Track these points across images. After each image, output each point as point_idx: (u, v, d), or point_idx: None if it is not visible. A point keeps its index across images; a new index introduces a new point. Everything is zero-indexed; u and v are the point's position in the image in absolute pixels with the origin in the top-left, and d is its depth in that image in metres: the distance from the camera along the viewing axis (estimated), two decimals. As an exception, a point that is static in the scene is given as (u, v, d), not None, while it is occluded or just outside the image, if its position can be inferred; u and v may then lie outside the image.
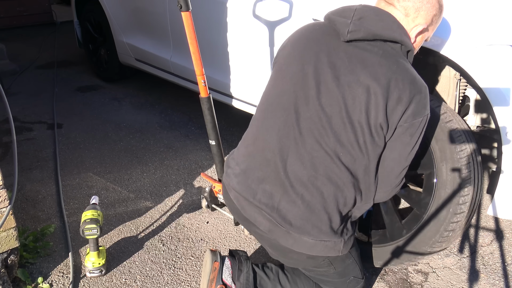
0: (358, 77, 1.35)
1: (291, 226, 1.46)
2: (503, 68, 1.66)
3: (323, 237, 1.47)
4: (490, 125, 1.95)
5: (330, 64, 1.39)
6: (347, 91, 1.36)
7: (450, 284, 1.92)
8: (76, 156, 3.00)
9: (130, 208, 2.44)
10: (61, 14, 7.00)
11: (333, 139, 1.40)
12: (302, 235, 1.46)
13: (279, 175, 1.45)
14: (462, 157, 1.67)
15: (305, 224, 1.46)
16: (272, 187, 1.47)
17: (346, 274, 1.64)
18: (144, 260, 2.06)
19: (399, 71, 1.35)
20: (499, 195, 1.77)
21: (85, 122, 3.48)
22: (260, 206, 1.49)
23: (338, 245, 1.50)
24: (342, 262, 1.60)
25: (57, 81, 4.44)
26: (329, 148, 1.40)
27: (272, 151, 1.46)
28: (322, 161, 1.42)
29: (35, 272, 1.97)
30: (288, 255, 1.58)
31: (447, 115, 1.73)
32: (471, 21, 1.76)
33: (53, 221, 2.32)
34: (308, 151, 1.42)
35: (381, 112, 1.35)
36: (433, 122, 1.69)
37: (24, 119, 3.56)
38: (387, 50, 1.38)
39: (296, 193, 1.45)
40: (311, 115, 1.41)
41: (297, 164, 1.43)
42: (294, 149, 1.43)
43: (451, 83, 2.01)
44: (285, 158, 1.45)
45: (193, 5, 1.97)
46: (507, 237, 2.19)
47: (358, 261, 1.66)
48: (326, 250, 1.49)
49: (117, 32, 3.85)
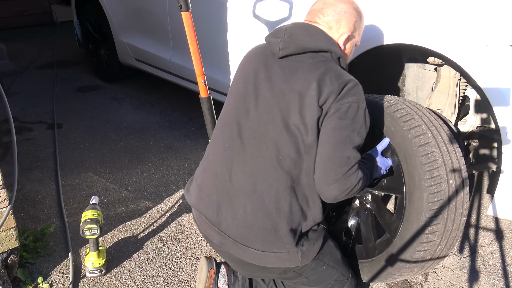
0: (290, 84, 1.46)
1: (237, 236, 1.48)
2: (503, 68, 1.66)
3: (272, 247, 1.45)
4: (490, 125, 1.95)
5: (266, 78, 1.51)
6: (281, 98, 1.46)
7: (450, 284, 1.92)
8: (76, 156, 3.00)
9: (130, 208, 2.44)
10: (61, 14, 7.00)
11: (271, 144, 1.45)
12: (249, 245, 1.47)
13: (226, 185, 1.51)
14: (432, 185, 1.58)
15: (249, 234, 1.46)
16: (220, 197, 1.52)
17: (324, 281, 1.62)
18: (144, 260, 2.06)
19: (327, 72, 1.44)
20: (499, 195, 1.77)
21: (85, 122, 3.48)
22: (210, 219, 1.53)
23: (295, 256, 1.47)
24: (313, 271, 1.57)
25: (57, 81, 4.44)
26: (268, 154, 1.46)
27: (219, 163, 1.54)
28: (262, 167, 1.46)
29: (35, 272, 1.97)
30: (246, 267, 1.57)
31: (423, 137, 1.63)
32: (471, 21, 1.76)
33: (53, 221, 2.32)
34: (249, 159, 1.48)
35: (315, 109, 1.41)
36: (406, 145, 1.63)
37: (24, 119, 3.56)
38: (317, 58, 1.49)
39: (239, 202, 1.48)
40: (251, 125, 1.50)
41: (240, 173, 1.49)
42: (237, 159, 1.50)
43: (451, 83, 2.01)
44: (230, 168, 1.51)
45: (193, 5, 1.97)
46: (507, 237, 2.19)
47: (336, 264, 1.63)
48: (280, 262, 1.47)
49: (117, 32, 3.85)
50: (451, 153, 1.63)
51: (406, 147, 1.63)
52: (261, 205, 1.45)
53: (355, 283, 1.71)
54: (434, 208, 1.58)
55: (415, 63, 2.24)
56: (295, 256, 1.47)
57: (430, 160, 1.59)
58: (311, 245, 1.51)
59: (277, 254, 1.46)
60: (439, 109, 2.05)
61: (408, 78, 2.32)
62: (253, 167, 1.47)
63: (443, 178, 1.59)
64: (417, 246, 1.62)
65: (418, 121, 1.65)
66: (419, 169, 1.59)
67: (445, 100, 2.04)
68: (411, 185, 1.63)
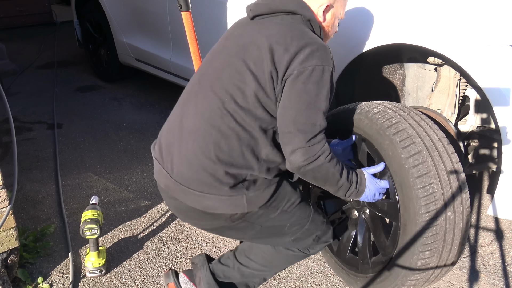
0: (253, 39, 1.46)
1: (177, 176, 1.47)
2: (503, 68, 1.66)
3: (210, 189, 1.43)
4: (490, 125, 1.95)
5: (235, 35, 1.55)
6: (241, 50, 1.46)
7: (450, 284, 1.92)
8: (76, 156, 3.00)
9: (130, 208, 2.44)
10: (61, 14, 7.00)
11: (223, 88, 1.45)
12: (188, 186, 1.45)
13: (178, 129, 1.52)
14: (426, 219, 1.49)
15: (188, 173, 1.45)
16: (172, 140, 1.52)
17: (279, 228, 1.57)
18: (144, 260, 2.06)
19: (290, 30, 1.44)
20: (499, 195, 1.77)
21: (85, 122, 3.48)
22: (162, 163, 1.54)
23: (240, 202, 1.44)
24: (265, 217, 1.53)
25: (57, 81, 4.44)
26: (217, 96, 1.45)
27: (177, 112, 1.57)
28: (210, 108, 1.45)
29: (35, 272, 1.97)
30: (191, 215, 1.54)
31: (422, 166, 1.50)
32: (471, 21, 1.76)
33: (53, 221, 2.32)
34: (200, 101, 1.49)
35: (270, 63, 1.40)
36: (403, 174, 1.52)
37: (24, 119, 3.56)
38: (285, 19, 1.49)
39: (186, 142, 1.47)
40: (210, 72, 1.52)
41: (191, 114, 1.49)
42: (191, 102, 1.52)
43: (451, 83, 2.01)
44: (184, 112, 1.53)
45: (193, 5, 1.97)
46: (507, 237, 2.19)
47: (292, 208, 1.57)
48: (223, 207, 1.44)
49: (117, 32, 3.85)
50: (452, 183, 1.52)
51: (402, 177, 1.52)
52: (202, 144, 1.44)
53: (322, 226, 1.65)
54: (428, 243, 1.50)
55: (415, 63, 2.24)
56: (240, 201, 1.44)
57: (427, 193, 1.48)
58: (259, 191, 1.47)
59: (218, 197, 1.43)
60: (439, 109, 2.05)
61: (408, 78, 2.32)
62: (201, 108, 1.47)
63: (441, 212, 1.49)
64: (409, 275, 1.57)
65: (419, 147, 1.52)
66: (415, 202, 1.49)
67: (445, 100, 2.04)
68: (405, 217, 1.54)
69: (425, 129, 1.57)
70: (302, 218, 1.60)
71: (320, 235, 1.66)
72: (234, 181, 1.43)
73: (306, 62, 1.38)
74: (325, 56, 1.41)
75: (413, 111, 1.65)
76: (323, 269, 2.00)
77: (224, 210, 1.46)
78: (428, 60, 2.01)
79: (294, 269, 2.01)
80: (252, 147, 1.44)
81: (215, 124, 1.43)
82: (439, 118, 1.96)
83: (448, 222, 1.50)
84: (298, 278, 1.96)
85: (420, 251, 1.51)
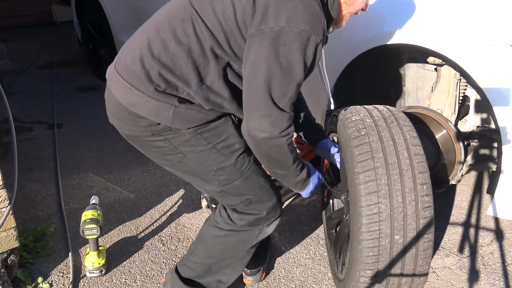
0: None
1: (118, 64, 1.41)
2: (503, 68, 1.66)
3: (139, 83, 1.34)
4: (490, 125, 1.95)
5: None
6: None
7: (450, 284, 1.92)
8: (76, 156, 3.00)
9: (130, 208, 2.44)
10: (61, 14, 7.00)
11: (189, 7, 1.35)
12: (121, 74, 1.37)
13: (143, 27, 1.45)
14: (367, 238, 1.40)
15: (127, 61, 1.37)
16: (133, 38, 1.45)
17: (205, 165, 1.45)
18: (144, 260, 2.06)
19: None
20: (499, 195, 1.77)
21: (85, 122, 3.48)
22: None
23: (165, 110, 1.33)
24: (192, 147, 1.42)
25: (57, 81, 4.44)
26: (191, 3, 1.35)
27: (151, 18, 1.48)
28: (178, 7, 1.37)
29: (35, 272, 1.97)
30: (116, 112, 1.44)
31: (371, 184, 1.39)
32: (471, 21, 1.76)
33: (53, 221, 2.32)
34: (174, 4, 1.41)
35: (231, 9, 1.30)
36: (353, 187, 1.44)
37: (24, 119, 3.56)
38: None
39: (140, 34, 1.42)
40: None
41: (160, 14, 1.42)
42: (165, 7, 1.43)
43: (451, 83, 2.01)
44: (155, 15, 1.45)
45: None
46: (507, 237, 2.19)
47: (226, 150, 1.45)
48: (147, 109, 1.34)
49: (117, 32, 3.85)
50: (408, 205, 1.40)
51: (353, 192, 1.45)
52: (151, 37, 1.36)
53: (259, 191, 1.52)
54: (369, 262, 1.43)
55: (415, 63, 2.24)
56: (165, 110, 1.34)
57: (372, 212, 1.39)
58: (192, 111, 1.36)
59: (144, 96, 1.34)
60: (439, 109, 2.06)
61: (408, 78, 2.33)
62: (170, 8, 1.39)
63: (385, 233, 1.39)
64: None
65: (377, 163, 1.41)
66: (358, 219, 1.42)
67: (445, 100, 2.04)
68: (352, 232, 1.49)
69: (397, 143, 1.45)
70: (234, 170, 1.47)
71: (253, 200, 1.52)
72: (165, 86, 1.33)
73: (266, 22, 1.24)
74: (311, 20, 1.25)
75: (398, 121, 1.52)
76: (323, 269, 2.00)
77: (146, 113, 1.35)
78: (428, 60, 2.01)
79: (294, 269, 2.01)
80: (200, 65, 1.33)
81: (173, 25, 1.34)
82: (439, 118, 1.96)
83: (395, 246, 1.40)
84: (298, 278, 1.96)
85: (361, 269, 1.45)
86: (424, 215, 1.40)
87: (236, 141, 1.46)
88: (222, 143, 1.44)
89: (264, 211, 1.55)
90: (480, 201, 2.47)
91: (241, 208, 1.55)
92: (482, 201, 2.47)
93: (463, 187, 2.59)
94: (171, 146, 1.43)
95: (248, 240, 1.62)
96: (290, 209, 2.41)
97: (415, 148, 1.45)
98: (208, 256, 1.66)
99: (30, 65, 4.91)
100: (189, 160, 1.46)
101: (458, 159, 1.94)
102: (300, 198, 2.48)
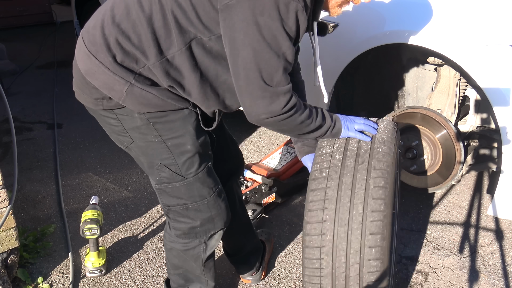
0: None
1: (84, 31, 1.33)
2: (503, 68, 1.66)
3: (97, 51, 1.25)
4: (490, 125, 1.95)
5: None
6: None
7: (450, 284, 1.92)
8: (76, 156, 3.00)
9: (130, 208, 2.44)
10: (61, 14, 7.00)
11: None
12: (85, 41, 1.29)
13: None
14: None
15: (90, 27, 1.30)
16: None
17: (151, 155, 1.37)
18: (144, 260, 2.06)
19: None
20: (499, 195, 1.78)
21: (85, 122, 3.48)
22: None
23: (119, 85, 1.25)
24: (140, 133, 1.34)
25: (57, 81, 4.43)
26: None
27: None
28: None
29: (35, 272, 1.97)
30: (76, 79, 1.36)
31: (315, 238, 1.30)
32: (471, 21, 1.76)
33: (53, 221, 2.32)
34: None
35: None
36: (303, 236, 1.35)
37: (24, 119, 3.56)
38: None
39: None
40: None
41: None
42: None
43: (451, 83, 2.01)
44: None
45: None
46: (507, 237, 2.19)
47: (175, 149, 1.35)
48: (101, 80, 1.26)
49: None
50: (351, 266, 1.29)
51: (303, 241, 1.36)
52: (117, 3, 1.28)
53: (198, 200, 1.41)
54: None
55: (415, 63, 2.24)
56: (120, 85, 1.25)
57: (313, 266, 1.32)
58: (149, 95, 1.26)
59: (101, 66, 1.24)
60: (439, 109, 2.06)
61: (408, 78, 2.33)
62: None
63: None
64: None
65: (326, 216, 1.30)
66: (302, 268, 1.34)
67: (445, 100, 2.04)
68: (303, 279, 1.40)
69: (356, 194, 1.29)
70: (178, 171, 1.37)
71: (190, 207, 1.42)
72: (123, 57, 1.24)
73: None
74: None
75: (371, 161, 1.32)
76: (323, 269, 2.00)
77: (99, 85, 1.28)
78: (428, 60, 2.01)
79: (294, 269, 2.01)
80: (160, 36, 1.23)
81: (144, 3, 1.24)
82: (439, 118, 1.96)
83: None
84: (298, 278, 1.96)
85: None
86: (368, 279, 1.28)
87: (189, 143, 1.35)
88: (173, 140, 1.34)
89: (198, 221, 1.44)
90: (480, 201, 2.47)
91: (175, 214, 1.46)
92: (482, 201, 2.47)
93: (463, 187, 2.59)
94: (122, 127, 1.35)
95: (198, 256, 1.53)
96: (290, 209, 2.40)
97: (375, 202, 1.27)
98: (174, 267, 1.61)
99: (30, 65, 4.91)
100: (136, 147, 1.38)
101: (458, 159, 1.94)
102: (300, 198, 2.48)
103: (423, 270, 2.00)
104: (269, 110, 1.20)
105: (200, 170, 1.39)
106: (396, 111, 2.11)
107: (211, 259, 1.59)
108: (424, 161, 2.06)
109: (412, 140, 2.08)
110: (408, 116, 2.06)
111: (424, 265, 2.02)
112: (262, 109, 1.20)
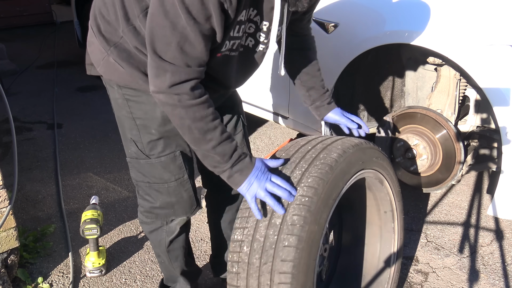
0: None
1: None
2: (503, 68, 1.66)
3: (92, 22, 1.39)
4: (490, 125, 1.95)
5: None
6: None
7: (450, 284, 1.92)
8: (76, 156, 3.00)
9: (130, 208, 2.44)
10: (61, 14, 7.00)
11: None
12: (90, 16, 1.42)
13: None
14: None
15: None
16: None
17: (123, 134, 1.47)
18: (144, 260, 2.06)
19: None
20: (499, 195, 1.77)
21: (85, 122, 3.48)
22: None
23: (99, 55, 1.36)
24: (116, 104, 1.43)
25: (57, 81, 4.44)
26: None
27: None
28: None
29: (35, 272, 1.97)
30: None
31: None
32: (471, 21, 1.76)
33: (53, 221, 2.32)
34: None
35: None
36: None
37: (24, 119, 3.56)
38: None
39: None
40: None
41: None
42: None
43: (451, 83, 2.01)
44: None
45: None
46: (507, 237, 2.19)
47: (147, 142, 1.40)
48: (91, 48, 1.41)
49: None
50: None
51: None
52: None
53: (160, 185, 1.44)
54: None
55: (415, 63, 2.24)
56: (99, 54, 1.36)
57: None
58: (119, 67, 1.32)
59: (93, 37, 1.39)
60: (439, 109, 2.06)
61: (408, 78, 2.33)
62: None
63: None
64: None
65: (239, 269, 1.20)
66: None
67: (445, 100, 2.04)
68: None
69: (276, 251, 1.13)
70: (143, 149, 1.42)
71: (152, 186, 1.45)
72: (105, 27, 1.33)
73: None
74: None
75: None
76: (323, 269, 2.00)
77: (90, 51, 1.43)
78: (428, 60, 2.01)
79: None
80: (128, 5, 1.26)
81: None
82: (439, 118, 1.96)
83: None
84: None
85: None
86: None
87: (154, 127, 1.38)
88: (141, 120, 1.39)
89: (157, 202, 1.47)
90: (480, 201, 2.47)
91: (141, 191, 1.49)
92: (482, 201, 2.47)
93: (463, 187, 2.59)
94: (107, 89, 1.47)
95: (161, 240, 1.55)
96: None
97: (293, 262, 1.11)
98: (156, 255, 1.66)
99: (30, 65, 4.91)
100: (116, 117, 1.50)
101: (458, 159, 1.94)
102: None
103: (423, 270, 2.00)
104: (155, 83, 1.15)
105: (163, 154, 1.41)
106: (396, 111, 2.11)
107: (178, 249, 1.59)
108: (424, 161, 2.06)
109: (412, 140, 2.08)
110: (408, 116, 2.06)
111: (424, 265, 2.02)
112: (151, 79, 1.16)
